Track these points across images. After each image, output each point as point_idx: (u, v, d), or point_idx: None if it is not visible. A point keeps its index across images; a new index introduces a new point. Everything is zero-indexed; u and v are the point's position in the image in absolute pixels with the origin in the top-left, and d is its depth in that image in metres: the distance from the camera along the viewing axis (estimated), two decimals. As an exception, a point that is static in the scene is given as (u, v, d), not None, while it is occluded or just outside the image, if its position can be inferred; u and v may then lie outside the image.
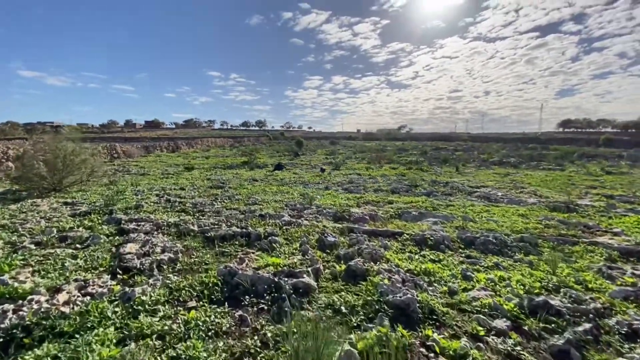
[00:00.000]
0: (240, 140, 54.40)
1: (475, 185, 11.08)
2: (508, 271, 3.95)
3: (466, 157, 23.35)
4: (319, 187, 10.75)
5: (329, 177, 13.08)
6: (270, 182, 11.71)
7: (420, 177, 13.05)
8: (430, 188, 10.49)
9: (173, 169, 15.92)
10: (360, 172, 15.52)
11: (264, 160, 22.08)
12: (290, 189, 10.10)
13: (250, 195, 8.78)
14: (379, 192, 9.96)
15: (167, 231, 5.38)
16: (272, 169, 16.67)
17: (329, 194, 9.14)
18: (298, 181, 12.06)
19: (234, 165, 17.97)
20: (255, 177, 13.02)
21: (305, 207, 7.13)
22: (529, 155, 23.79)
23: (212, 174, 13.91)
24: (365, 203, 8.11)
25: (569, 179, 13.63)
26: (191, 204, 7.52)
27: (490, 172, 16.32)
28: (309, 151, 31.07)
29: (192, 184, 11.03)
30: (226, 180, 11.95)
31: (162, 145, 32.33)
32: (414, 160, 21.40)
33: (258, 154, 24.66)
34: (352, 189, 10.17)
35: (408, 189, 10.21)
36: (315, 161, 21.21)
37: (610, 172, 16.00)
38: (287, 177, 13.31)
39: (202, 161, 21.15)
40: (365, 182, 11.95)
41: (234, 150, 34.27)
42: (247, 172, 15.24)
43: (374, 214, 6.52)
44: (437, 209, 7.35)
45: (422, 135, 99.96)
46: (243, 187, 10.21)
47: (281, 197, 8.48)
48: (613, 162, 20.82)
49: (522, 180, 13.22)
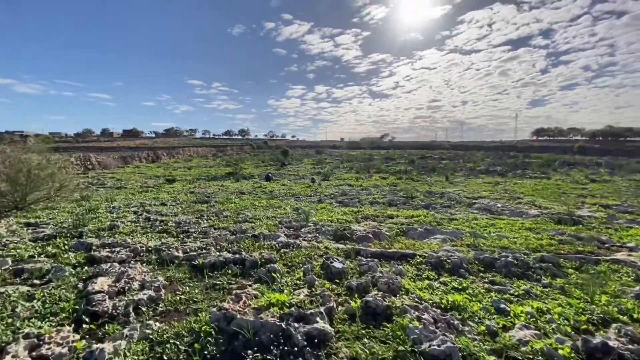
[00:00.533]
0: (223, 149, 53.20)
1: (472, 196, 10.82)
2: (542, 300, 3.50)
3: (453, 166, 23.42)
4: (311, 200, 10.18)
5: (320, 189, 12.54)
6: (259, 195, 11.04)
7: (413, 188, 12.72)
8: (428, 200, 10.12)
9: (153, 182, 14.96)
10: (351, 182, 15.08)
11: (249, 170, 21.33)
12: (281, 202, 9.49)
13: (239, 211, 8.10)
14: (375, 205, 9.49)
15: (146, 258, 4.66)
16: (258, 180, 15.98)
17: (323, 208, 8.58)
18: (288, 193, 11.45)
19: (219, 177, 17.15)
20: (243, 190, 12.31)
21: (301, 224, 6.54)
22: (513, 164, 24.14)
23: (195, 187, 13.09)
24: (364, 218, 7.60)
25: (558, 188, 13.67)
26: (174, 223, 6.78)
27: (480, 182, 16.26)
28: (295, 160, 30.50)
29: (175, 198, 10.22)
30: (211, 194, 11.18)
31: (141, 155, 30.95)
32: (403, 170, 21.22)
33: (243, 164, 23.88)
34: (347, 202, 9.66)
35: (405, 201, 9.80)
36: (303, 171, 20.66)
37: (594, 180, 16.27)
38: (276, 188, 12.67)
39: (184, 172, 20.18)
40: (359, 193, 11.49)
41: (217, 160, 33.25)
42: (233, 183, 14.49)
43: (377, 231, 6.01)
44: (442, 224, 6.93)
45: (405, 143, 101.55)
46: (230, 202, 9.50)
47: (273, 213, 7.84)
48: (593, 170, 21.36)
49: (514, 189, 13.13)
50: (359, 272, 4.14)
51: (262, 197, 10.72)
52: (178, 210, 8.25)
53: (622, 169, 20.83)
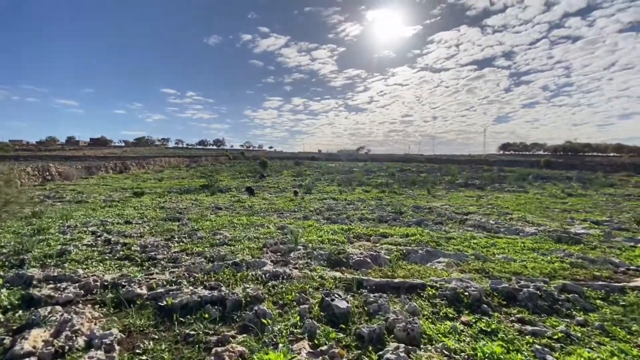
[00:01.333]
0: (197, 159, 51.28)
1: (461, 212, 10.48)
2: (588, 345, 2.96)
3: (432, 179, 23.48)
4: (296, 216, 9.42)
5: (304, 203, 11.81)
6: (238, 211, 10.14)
7: (400, 203, 12.27)
8: (418, 215, 9.65)
9: (119, 195, 13.62)
10: (335, 196, 14.47)
11: (226, 182, 20.24)
12: (263, 219, 8.66)
13: (215, 231, 7.20)
14: (365, 221, 8.88)
15: (100, 297, 3.72)
16: (236, 193, 14.99)
17: (311, 226, 7.85)
18: (270, 209, 10.62)
19: (192, 189, 15.99)
20: (219, 205, 11.34)
21: (289, 247, 5.77)
22: (490, 177, 24.58)
23: (166, 201, 11.95)
24: (356, 237, 6.95)
25: (540, 202, 13.72)
26: (139, 247, 5.80)
27: (462, 195, 16.16)
28: (274, 172, 29.61)
29: (142, 215, 9.12)
30: (184, 210, 10.15)
31: (108, 165, 28.93)
32: (384, 183, 20.93)
33: (219, 176, 22.72)
34: (335, 218, 8.98)
35: (395, 216, 9.27)
36: (283, 183, 19.84)
37: (570, 194, 16.62)
38: (256, 203, 11.80)
39: (155, 184, 18.78)
40: (346, 208, 10.86)
41: (190, 171, 31.71)
42: (208, 197, 13.44)
43: (375, 255, 5.36)
44: (441, 244, 6.41)
45: (381, 156, 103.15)
46: (206, 219, 8.56)
47: (255, 233, 7.01)
48: (566, 184, 22.08)
49: (498, 203, 13.02)
50: (366, 313, 3.44)
51: (242, 213, 9.83)
52: (144, 230, 7.22)
53: (592, 182, 21.67)
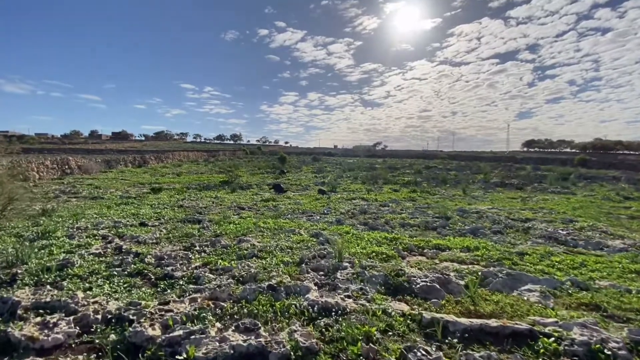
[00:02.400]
0: (215, 154, 51.11)
1: (517, 217, 9.13)
2: None
3: (464, 178, 21.92)
4: (327, 219, 8.35)
5: (333, 203, 10.73)
6: (262, 212, 9.17)
7: (441, 205, 10.99)
8: (469, 222, 8.41)
9: (136, 190, 12.95)
10: (362, 195, 13.31)
11: (245, 178, 19.41)
12: (292, 223, 7.64)
13: (241, 237, 6.23)
14: (407, 227, 7.73)
15: (98, 342, 2.77)
16: (257, 190, 14.06)
17: (348, 233, 6.77)
18: (296, 210, 9.60)
19: (212, 186, 15.19)
20: (241, 203, 10.41)
21: (333, 265, 4.70)
22: (527, 177, 22.77)
23: (185, 198, 11.14)
24: (406, 250, 5.81)
25: (597, 206, 12.14)
26: (153, 258, 4.88)
27: (503, 196, 14.67)
28: (292, 168, 28.67)
29: (159, 215, 8.29)
30: (204, 209, 9.27)
31: (127, 159, 28.74)
32: (412, 181, 19.58)
33: (238, 171, 21.95)
34: (372, 224, 7.87)
35: (443, 223, 8.05)
36: (304, 180, 18.82)
37: (627, 197, 14.83)
38: (280, 202, 10.81)
39: (173, 179, 18.15)
40: (380, 211, 9.71)
41: (209, 165, 31.20)
42: (228, 195, 12.57)
43: (444, 278, 4.22)
44: (516, 262, 5.20)
45: (398, 152, 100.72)
46: (228, 221, 7.61)
47: (287, 241, 5.99)
48: (613, 185, 20.11)
49: (551, 207, 11.55)
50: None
51: (267, 214, 8.85)
52: (161, 235, 6.33)
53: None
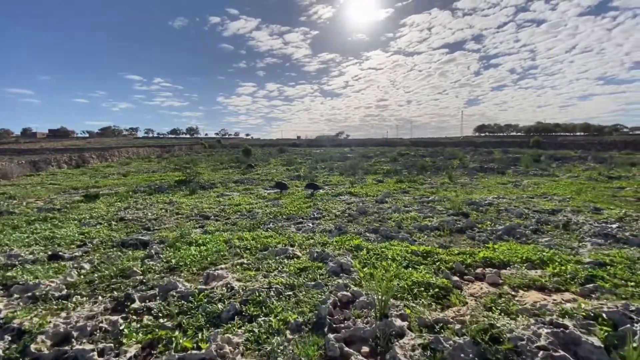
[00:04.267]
0: (169, 149, 46.60)
1: (541, 209, 7.83)
2: None
3: (442, 164, 21.05)
4: (322, 227, 6.41)
5: (322, 203, 8.80)
6: (233, 221, 7.00)
7: (445, 197, 9.51)
8: (489, 216, 6.93)
9: (64, 199, 10.02)
10: (347, 188, 11.53)
11: (207, 176, 16.75)
12: (279, 237, 5.61)
13: (209, 272, 4.11)
14: (427, 231, 6.05)
15: None
16: (223, 189, 11.68)
17: (359, 249, 4.91)
18: (279, 214, 7.54)
19: (165, 187, 12.52)
20: (205, 210, 8.12)
21: (377, 327, 2.80)
22: (502, 160, 22.50)
23: (129, 206, 8.58)
24: (456, 273, 4.09)
25: (592, 188, 11.47)
26: (49, 341, 2.65)
27: (492, 182, 13.70)
28: (259, 161, 26.18)
29: (85, 237, 5.82)
30: (153, 222, 6.90)
31: (62, 159, 24.43)
32: (392, 170, 18.22)
33: (197, 167, 19.14)
34: (383, 230, 6.08)
35: (468, 223, 6.47)
36: (276, 175, 16.64)
37: (610, 176, 14.59)
38: (255, 205, 8.66)
39: (118, 180, 15.05)
40: (381, 209, 7.97)
41: (163, 162, 27.62)
42: (187, 198, 10.12)
43: (568, 336, 2.53)
44: (617, 285, 3.68)
45: (361, 140, 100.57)
46: (188, 241, 5.40)
47: (282, 274, 3.97)
48: (583, 164, 20.34)
49: (552, 192, 10.62)
50: None
51: (241, 224, 6.72)
52: (79, 279, 4.02)
53: (609, 162, 19.99)
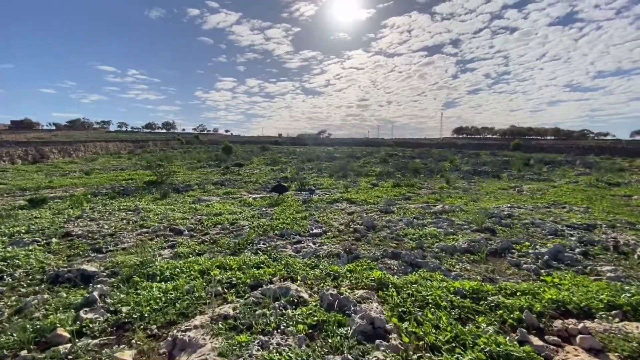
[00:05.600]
0: (143, 144, 43.76)
1: (572, 224, 6.87)
2: None
3: (434, 166, 20.24)
4: (329, 249, 5.10)
5: (319, 213, 7.47)
6: (213, 238, 5.55)
7: (458, 207, 8.44)
8: (521, 234, 5.86)
9: (3, 203, 8.15)
10: (344, 194, 10.28)
11: (182, 175, 15.02)
12: (274, 265, 4.26)
13: (176, 337, 2.71)
14: (457, 255, 4.88)
15: None
16: (199, 192, 10.11)
17: (385, 286, 3.65)
18: (269, 228, 6.15)
19: (131, 190, 10.79)
20: (177, 222, 6.60)
21: None
22: (493, 163, 22.00)
23: (80, 216, 6.92)
24: (530, 328, 2.90)
25: (601, 196, 10.81)
26: None
27: (493, 187, 12.88)
28: (240, 159, 24.47)
29: (8, 263, 4.23)
30: (109, 238, 5.35)
31: (16, 153, 21.74)
32: (384, 172, 17.16)
33: (172, 166, 17.31)
34: (404, 255, 4.84)
35: (503, 244, 5.35)
36: (261, 176, 15.14)
37: (609, 182, 14.14)
38: (238, 214, 7.22)
39: (78, 180, 13.07)
40: (390, 223, 6.74)
41: (134, 158, 25.34)
42: (156, 203, 8.51)
43: None
44: None
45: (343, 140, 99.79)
46: (150, 272, 3.95)
47: (291, 343, 2.64)
48: (571, 168, 20.14)
49: (560, 199, 9.83)
50: None
51: (223, 242, 5.29)
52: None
53: (596, 167, 19.87)
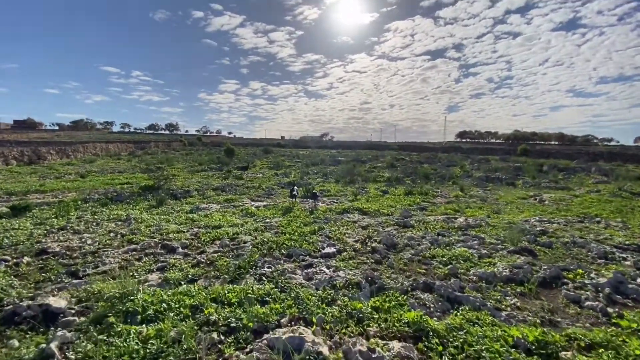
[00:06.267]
0: (145, 145, 43.21)
1: (618, 244, 6.04)
2: None
3: (445, 172, 19.42)
4: (345, 278, 4.31)
5: (329, 227, 6.68)
6: (211, 261, 4.77)
7: (484, 221, 7.63)
8: (568, 260, 5.04)
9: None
10: (353, 203, 9.50)
11: (182, 179, 14.28)
12: (281, 301, 3.47)
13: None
14: (497, 285, 4.07)
15: None
16: (198, 199, 9.35)
17: (421, 327, 2.86)
18: (272, 244, 5.36)
19: (125, 196, 10.04)
20: (170, 237, 5.83)
21: None
22: (506, 170, 21.15)
23: (65, 225, 6.16)
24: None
25: (630, 207, 9.96)
26: None
27: (511, 197, 12.06)
28: (243, 162, 23.75)
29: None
30: (91, 257, 4.58)
31: (10, 153, 21.13)
32: (393, 177, 16.36)
33: (172, 169, 16.60)
34: (440, 286, 4.05)
35: (552, 271, 4.53)
36: (264, 180, 14.38)
37: (632, 192, 13.26)
38: (239, 226, 6.44)
39: (70, 183, 12.35)
40: (413, 240, 5.95)
41: (134, 160, 24.67)
42: (150, 212, 7.75)
43: None
44: None
45: (346, 143, 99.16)
46: (127, 309, 3.17)
47: None
48: (586, 174, 19.29)
49: (592, 212, 9.00)
50: None
51: (221, 263, 4.52)
52: None
53: (617, 175, 18.98)
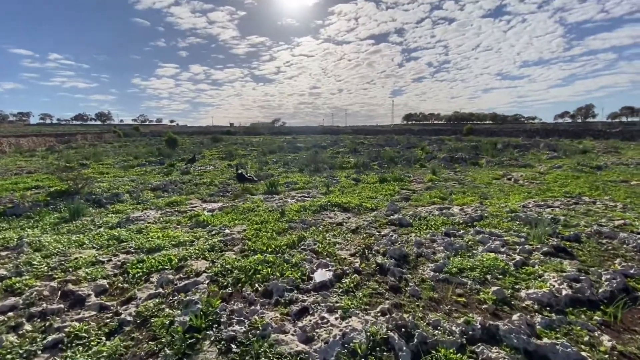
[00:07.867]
0: (70, 138, 37.22)
1: (618, 227, 5.32)
2: None
3: (409, 155, 18.78)
4: (357, 332, 2.81)
5: (309, 233, 5.11)
6: (142, 321, 2.96)
7: (484, 208, 6.59)
8: (611, 260, 4.11)
9: None
10: (330, 197, 8.01)
11: (109, 180, 11.53)
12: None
13: None
14: (564, 313, 2.90)
15: None
16: (131, 206, 7.16)
17: None
18: (243, 274, 3.68)
19: (26, 208, 7.41)
20: (78, 275, 3.82)
21: None
22: (466, 149, 21.20)
23: None
24: None
25: (601, 182, 9.86)
26: None
27: (484, 176, 11.54)
28: (188, 153, 20.92)
29: None
30: None
31: None
32: (361, 163, 15.20)
33: (98, 166, 13.58)
34: (504, 332, 2.74)
35: (585, 281, 3.49)
36: (217, 176, 12.24)
37: (592, 166, 13.58)
38: (189, 247, 4.61)
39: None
40: (423, 247, 4.64)
41: (50, 157, 20.45)
42: (56, 232, 5.48)
43: None
44: None
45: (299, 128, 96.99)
46: None
47: None
48: (538, 152, 20.02)
49: (571, 190, 8.60)
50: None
51: (158, 333, 2.75)
52: None
53: (565, 150, 19.93)
